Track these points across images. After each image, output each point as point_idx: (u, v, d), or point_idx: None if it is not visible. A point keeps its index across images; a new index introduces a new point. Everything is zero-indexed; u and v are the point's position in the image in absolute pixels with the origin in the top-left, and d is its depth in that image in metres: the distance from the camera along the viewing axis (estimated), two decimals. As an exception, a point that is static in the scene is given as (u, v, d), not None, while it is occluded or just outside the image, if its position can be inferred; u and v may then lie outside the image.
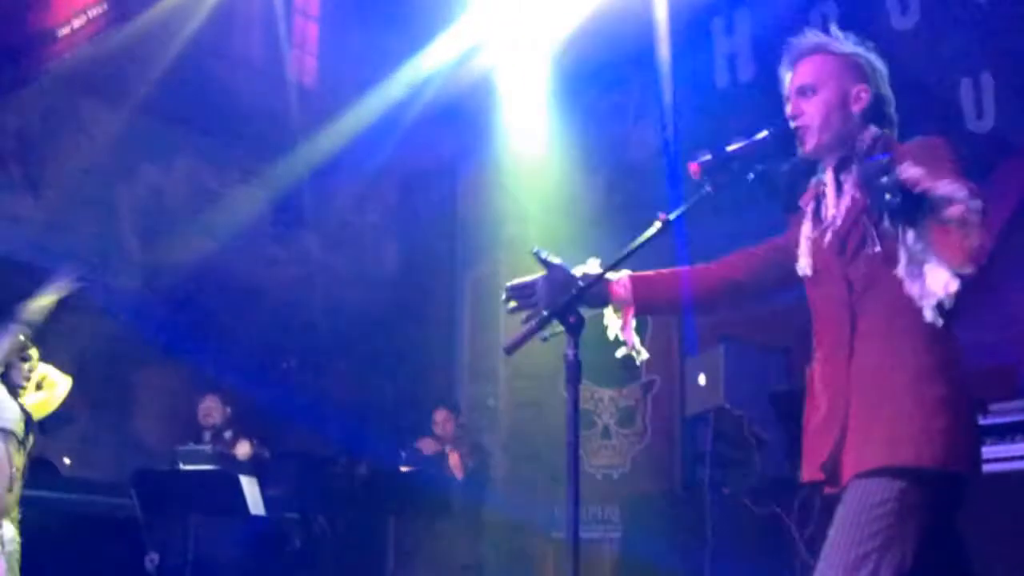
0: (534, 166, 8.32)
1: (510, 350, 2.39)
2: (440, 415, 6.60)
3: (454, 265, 8.75)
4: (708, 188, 2.46)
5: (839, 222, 2.34)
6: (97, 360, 8.04)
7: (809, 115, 2.40)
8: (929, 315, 2.16)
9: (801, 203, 2.50)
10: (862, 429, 2.21)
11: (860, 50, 2.47)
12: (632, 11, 7.05)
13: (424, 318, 8.76)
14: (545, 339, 2.43)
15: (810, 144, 2.41)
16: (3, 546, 4.71)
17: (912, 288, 2.17)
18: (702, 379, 5.29)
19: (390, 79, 8.20)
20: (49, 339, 7.91)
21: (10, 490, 4.81)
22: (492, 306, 8.15)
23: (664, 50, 7.02)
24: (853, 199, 2.32)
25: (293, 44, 9.03)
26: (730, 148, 2.47)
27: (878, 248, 2.22)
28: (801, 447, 2.34)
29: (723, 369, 5.14)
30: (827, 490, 2.28)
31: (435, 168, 8.90)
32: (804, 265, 2.41)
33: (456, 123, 8.81)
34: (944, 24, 6.07)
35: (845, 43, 2.48)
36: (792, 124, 2.42)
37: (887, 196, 1.94)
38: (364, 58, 8.66)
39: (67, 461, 7.19)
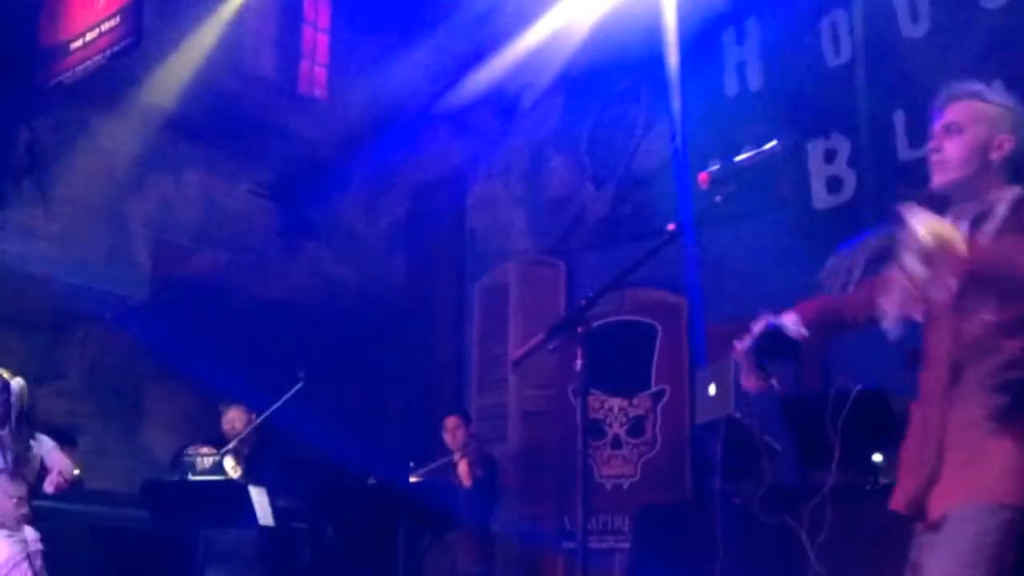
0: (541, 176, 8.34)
1: (518, 363, 2.41)
2: (451, 422, 6.59)
3: (463, 275, 8.75)
4: (717, 198, 2.46)
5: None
6: (107, 372, 8.08)
7: (949, 151, 2.43)
8: None
9: None
10: (956, 467, 2.28)
11: (1011, 104, 2.49)
12: (641, 20, 7.05)
13: (433, 328, 8.75)
14: (552, 350, 2.43)
15: (941, 179, 2.45)
16: (27, 546, 4.83)
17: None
18: (712, 389, 5.27)
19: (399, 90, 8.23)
20: (60, 352, 7.96)
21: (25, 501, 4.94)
22: (501, 316, 8.14)
23: (673, 59, 7.02)
24: None
25: (303, 56, 9.06)
26: (739, 158, 2.47)
27: (992, 318, 2.27)
28: (806, 457, 2.35)
29: (733, 378, 5.12)
30: (918, 525, 2.38)
31: (444, 178, 8.91)
32: (919, 310, 2.43)
33: (465, 133, 8.83)
34: (954, 32, 6.05)
35: (1001, 96, 2.51)
36: (932, 157, 2.46)
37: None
38: (374, 70, 8.70)
39: (76, 472, 7.20)
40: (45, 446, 5.19)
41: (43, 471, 5.10)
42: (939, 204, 2.48)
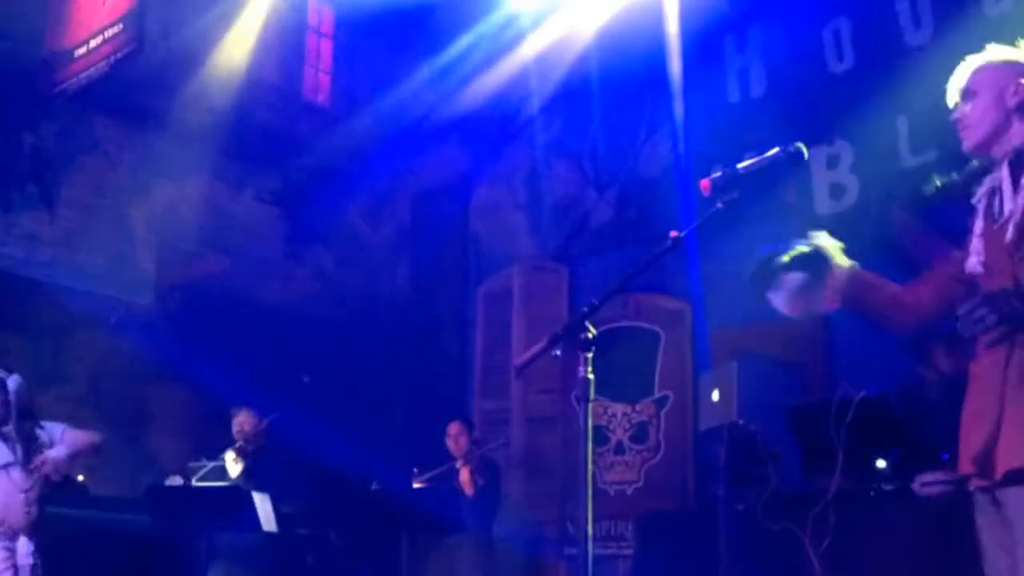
0: (544, 181, 8.36)
1: (521, 369, 2.42)
2: (454, 428, 6.58)
3: (467, 280, 8.76)
4: (719, 205, 2.47)
5: (1018, 216, 2.36)
6: (111, 376, 8.08)
7: (968, 115, 2.53)
8: None
9: (974, 201, 2.54)
10: (1019, 425, 2.25)
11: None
12: (644, 27, 7.07)
13: (436, 333, 8.76)
14: (556, 356, 2.44)
15: (969, 142, 2.53)
16: (15, 556, 4.81)
17: None
18: (715, 395, 5.27)
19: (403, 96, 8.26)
20: (64, 356, 7.98)
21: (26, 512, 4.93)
22: (504, 321, 8.15)
23: (676, 66, 7.03)
24: None
25: (307, 62, 9.09)
26: (741, 165, 2.48)
27: None
28: (810, 463, 2.33)
29: (736, 384, 5.12)
30: (975, 483, 2.36)
31: (448, 184, 8.92)
32: (975, 263, 2.45)
33: (469, 139, 8.85)
34: (957, 38, 6.06)
35: (1016, 52, 2.57)
36: (958, 126, 2.55)
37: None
38: (378, 76, 8.71)
39: (80, 477, 7.21)
40: (56, 429, 5.17)
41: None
42: (982, 171, 2.52)
